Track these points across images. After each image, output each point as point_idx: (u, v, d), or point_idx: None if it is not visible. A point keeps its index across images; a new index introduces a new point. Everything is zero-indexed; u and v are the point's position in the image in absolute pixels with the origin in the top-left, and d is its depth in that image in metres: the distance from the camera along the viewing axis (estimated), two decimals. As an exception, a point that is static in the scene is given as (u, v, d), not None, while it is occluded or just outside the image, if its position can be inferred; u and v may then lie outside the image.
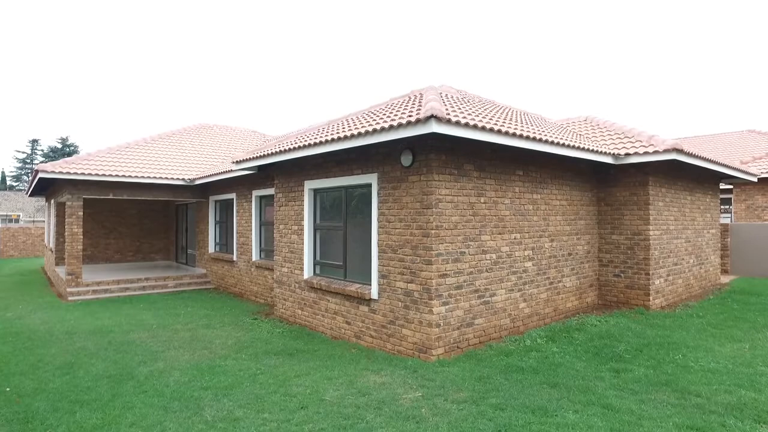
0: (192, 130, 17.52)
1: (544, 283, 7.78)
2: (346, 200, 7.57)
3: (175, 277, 13.44)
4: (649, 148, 8.05)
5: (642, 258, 8.61)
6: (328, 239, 8.12)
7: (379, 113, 7.21)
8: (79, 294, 11.66)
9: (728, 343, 6.52)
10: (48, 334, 7.82)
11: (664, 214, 9.10)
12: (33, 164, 70.76)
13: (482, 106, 7.72)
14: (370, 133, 5.87)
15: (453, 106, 6.49)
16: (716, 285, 11.45)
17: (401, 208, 6.32)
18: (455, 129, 5.40)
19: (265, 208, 11.31)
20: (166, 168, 13.48)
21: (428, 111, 5.18)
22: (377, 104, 8.66)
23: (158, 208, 18.28)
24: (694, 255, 10.42)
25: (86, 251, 16.45)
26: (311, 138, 7.24)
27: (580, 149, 7.30)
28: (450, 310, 6.14)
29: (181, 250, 17.05)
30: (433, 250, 5.93)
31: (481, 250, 6.62)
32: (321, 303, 7.92)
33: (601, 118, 10.30)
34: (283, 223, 8.99)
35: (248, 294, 11.66)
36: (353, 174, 7.18)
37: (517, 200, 7.24)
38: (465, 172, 6.36)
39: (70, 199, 12.06)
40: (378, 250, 6.72)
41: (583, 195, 8.73)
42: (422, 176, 6.00)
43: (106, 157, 13.13)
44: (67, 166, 11.80)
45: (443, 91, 8.09)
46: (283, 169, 8.95)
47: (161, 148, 15.08)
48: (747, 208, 15.76)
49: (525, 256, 7.38)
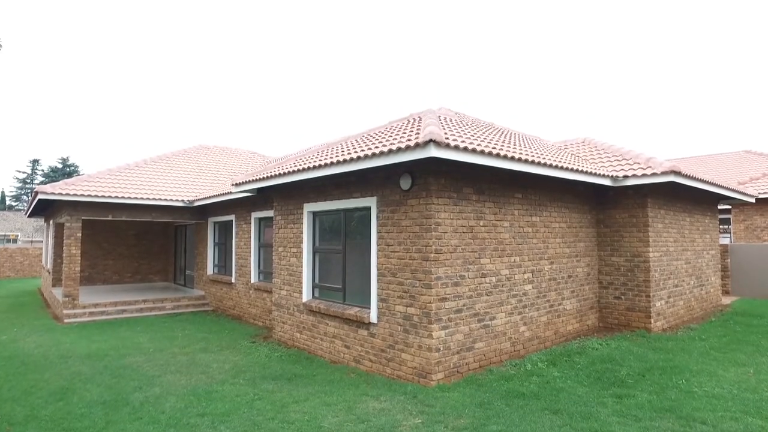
0: (192, 152, 17.62)
1: (545, 306, 7.73)
2: (346, 223, 7.57)
3: (172, 299, 13.34)
4: (647, 170, 8.09)
5: (642, 280, 8.57)
6: (327, 262, 8.09)
7: (378, 136, 7.26)
8: (76, 316, 11.55)
9: (732, 368, 6.44)
10: (42, 358, 7.72)
11: (664, 235, 9.10)
12: (33, 184, 70.92)
13: (480, 129, 7.79)
14: (369, 157, 5.90)
15: (451, 129, 6.54)
16: (718, 306, 11.38)
17: (400, 232, 6.31)
18: (454, 153, 5.43)
19: (264, 229, 11.30)
20: (165, 189, 13.51)
21: (427, 135, 5.22)
22: (376, 127, 8.73)
23: (157, 229, 18.26)
24: (694, 276, 10.39)
25: (84, 272, 16.36)
26: (310, 161, 7.27)
27: (578, 172, 7.33)
28: (450, 334, 6.08)
29: (180, 271, 16.96)
30: (433, 274, 5.90)
31: (481, 274, 6.59)
32: (320, 326, 7.84)
33: (599, 140, 10.38)
34: (282, 245, 8.96)
35: (246, 316, 11.55)
36: (352, 197, 7.19)
37: (516, 223, 7.24)
38: (464, 195, 6.38)
39: (69, 220, 12.05)
40: (377, 274, 6.69)
41: (582, 217, 8.74)
42: (421, 200, 6.01)
43: (105, 179, 13.16)
44: (67, 188, 11.82)
45: (442, 114, 8.16)
46: (283, 192, 8.96)
47: (161, 169, 15.14)
48: (746, 229, 15.78)
49: (525, 279, 7.35)
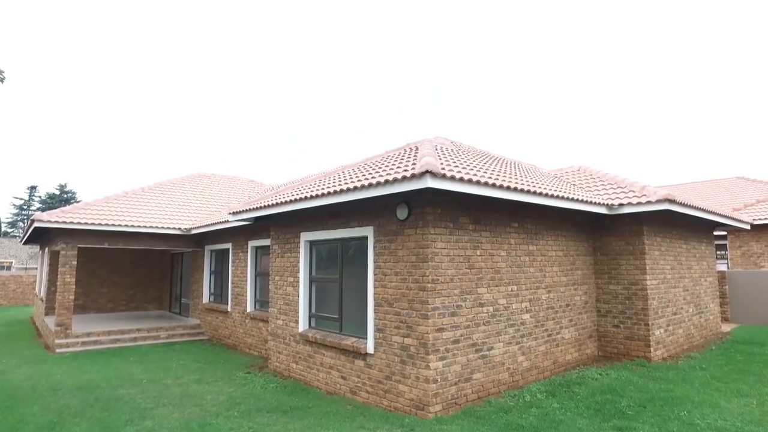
0: (189, 179, 17.69)
1: (543, 336, 7.66)
2: (342, 252, 7.56)
3: (167, 327, 13.17)
4: (642, 198, 8.15)
5: (641, 308, 8.53)
6: (323, 291, 8.04)
7: (375, 166, 7.32)
8: (68, 346, 11.37)
9: (735, 398, 6.36)
10: (31, 391, 7.56)
11: (660, 263, 9.10)
12: (30, 211, 70.77)
13: (476, 158, 7.87)
14: (366, 188, 5.94)
15: (447, 159, 6.61)
16: (717, 334, 11.30)
17: (397, 261, 6.30)
18: (450, 183, 5.47)
19: (261, 258, 11.26)
20: (162, 217, 13.50)
21: (423, 166, 5.27)
22: (373, 156, 8.82)
23: (153, 256, 18.15)
24: (692, 304, 10.34)
25: (78, 300, 16.16)
26: (308, 191, 7.31)
27: (574, 200, 7.39)
28: (447, 365, 6.00)
29: (175, 299, 16.80)
30: (430, 304, 5.87)
31: (478, 303, 6.55)
32: (316, 357, 7.73)
33: (594, 168, 10.48)
34: (278, 274, 8.92)
35: (242, 346, 11.39)
36: (349, 226, 7.20)
37: (513, 252, 7.25)
38: (460, 225, 6.40)
39: (64, 248, 11.99)
40: (374, 304, 6.64)
41: (578, 245, 8.75)
42: (418, 229, 6.03)
43: (102, 206, 13.16)
44: (64, 216, 11.80)
45: (438, 143, 8.26)
46: (280, 221, 8.97)
47: (158, 197, 15.17)
48: (743, 255, 15.81)
49: (522, 308, 7.30)
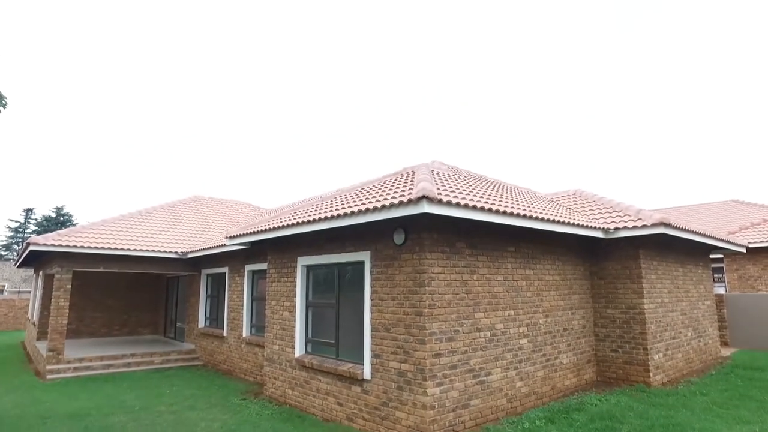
0: (186, 203, 17.71)
1: (541, 361, 7.59)
2: (339, 277, 7.54)
3: (161, 353, 12.99)
4: (637, 222, 8.20)
5: (639, 332, 8.48)
6: (320, 316, 7.98)
7: (372, 190, 7.37)
8: (59, 372, 11.18)
9: (736, 425, 6.28)
10: (18, 419, 7.39)
11: (657, 286, 9.10)
12: (25, 233, 70.35)
13: (473, 183, 7.93)
14: (363, 213, 5.97)
15: (444, 184, 6.66)
16: (717, 359, 11.22)
17: (394, 286, 6.28)
18: (446, 209, 5.50)
19: (257, 282, 11.20)
20: (158, 241, 13.47)
21: (420, 191, 5.31)
22: (370, 180, 8.88)
23: (148, 280, 18.02)
24: (691, 328, 10.30)
25: (71, 325, 15.93)
26: (304, 215, 7.33)
27: (570, 225, 7.42)
28: (445, 391, 5.93)
29: (170, 324, 16.62)
30: (427, 329, 5.83)
31: (475, 328, 6.51)
32: (312, 383, 7.63)
33: (590, 192, 10.56)
34: (275, 299, 8.86)
35: (237, 371, 11.23)
36: (346, 251, 7.20)
37: (510, 276, 7.24)
38: (457, 249, 6.41)
39: (59, 272, 11.90)
40: (371, 329, 6.60)
41: (575, 269, 8.76)
42: (415, 254, 6.03)
43: (99, 230, 13.13)
44: (60, 239, 11.76)
45: (434, 168, 8.33)
46: (277, 245, 8.96)
47: (155, 220, 15.15)
48: (740, 278, 15.82)
49: (520, 333, 7.26)
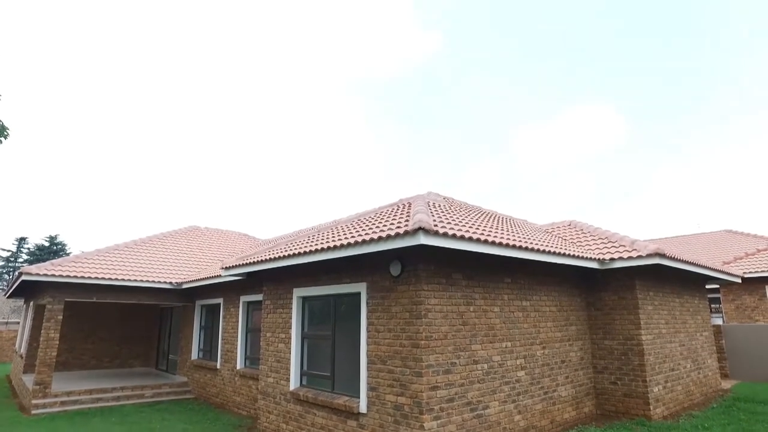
0: (182, 233, 17.66)
1: (539, 393, 7.49)
2: (335, 309, 7.49)
3: (153, 385, 12.71)
4: (632, 252, 8.24)
5: (637, 364, 8.40)
6: (316, 348, 7.88)
7: (368, 222, 7.41)
8: (45, 406, 10.89)
9: (738, 461, 6.17)
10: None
11: (655, 317, 9.07)
12: (17, 263, 69.57)
13: (469, 214, 7.99)
14: (360, 244, 5.99)
15: (440, 215, 6.72)
16: (718, 391, 11.08)
17: (390, 318, 6.25)
18: (443, 240, 5.54)
19: (252, 313, 11.09)
20: (153, 271, 13.37)
21: (416, 223, 5.35)
22: (366, 212, 8.93)
23: (141, 311, 17.77)
24: (690, 359, 10.21)
25: (60, 357, 15.57)
26: (301, 246, 7.33)
27: (566, 256, 7.45)
28: (442, 425, 5.82)
29: (163, 355, 16.31)
30: (423, 362, 5.77)
31: (472, 360, 6.44)
32: (307, 417, 7.47)
33: (585, 223, 10.64)
34: (270, 330, 8.76)
35: (230, 405, 10.98)
36: (342, 282, 7.18)
37: (507, 308, 7.22)
38: (453, 281, 6.41)
39: (51, 302, 11.74)
40: (367, 361, 6.52)
41: (572, 300, 8.74)
42: (411, 286, 6.03)
43: (93, 259, 13.05)
44: (53, 269, 11.67)
45: (430, 199, 8.40)
46: (272, 276, 8.92)
47: (150, 250, 15.08)
48: (736, 308, 15.79)
49: (517, 365, 7.18)
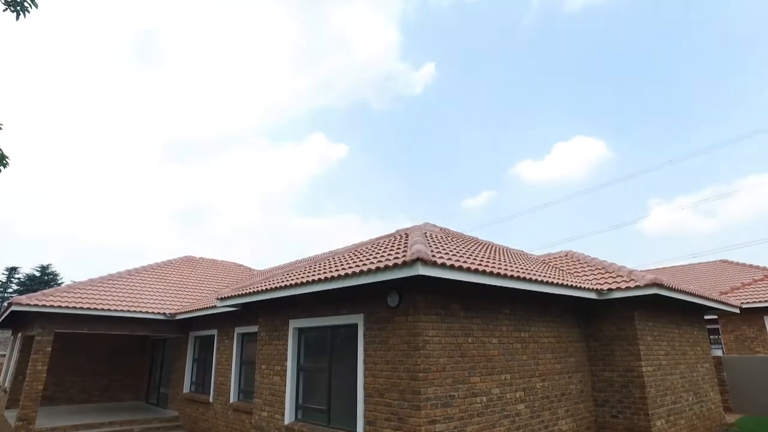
0: (177, 263, 17.53)
1: (539, 427, 7.31)
2: (332, 340, 7.38)
3: (142, 420, 12.35)
4: (630, 283, 8.22)
5: (638, 396, 8.25)
6: (311, 381, 7.72)
7: (366, 252, 7.39)
8: (31, 443, 10.52)
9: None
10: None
11: (654, 348, 8.97)
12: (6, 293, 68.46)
13: (466, 245, 7.99)
14: (357, 275, 5.95)
15: (437, 246, 6.71)
16: (722, 425, 10.86)
17: (388, 350, 6.15)
18: (441, 271, 5.51)
19: (246, 345, 10.91)
20: (146, 302, 13.18)
21: (414, 254, 5.34)
22: (363, 242, 8.92)
23: (133, 343, 17.41)
24: (692, 392, 10.05)
25: (47, 390, 15.11)
26: (297, 277, 7.28)
27: (563, 286, 7.42)
28: (442, 463, 5.65)
29: (154, 389, 15.91)
30: (422, 395, 5.65)
31: (471, 393, 6.32)
32: (301, 454, 7.25)
33: (581, 254, 10.65)
34: (265, 362, 8.59)
35: (221, 441, 10.66)
36: (339, 314, 7.10)
37: (505, 339, 7.13)
38: (452, 312, 6.35)
39: (40, 333, 11.50)
40: (364, 394, 6.38)
41: (570, 331, 8.66)
42: (409, 317, 5.96)
43: (86, 289, 12.87)
44: (44, 299, 11.49)
45: (427, 230, 8.42)
46: (268, 307, 8.82)
47: (144, 280, 14.91)
48: (736, 339, 15.67)
49: (517, 397, 7.05)
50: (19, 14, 5.25)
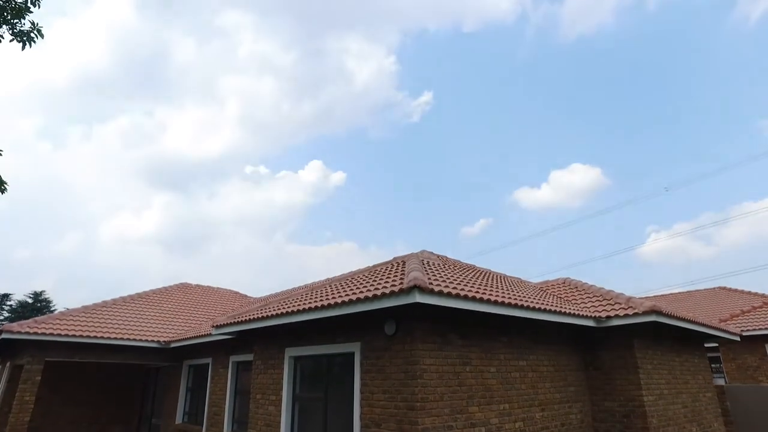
0: (172, 290, 17.39)
1: (541, 460, 7.15)
2: (328, 369, 7.28)
3: (132, 453, 12.01)
4: (628, 310, 8.17)
5: (640, 427, 8.09)
6: (307, 411, 7.57)
7: (362, 280, 7.36)
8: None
9: None
10: None
11: (655, 377, 8.85)
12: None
13: (463, 272, 7.97)
14: (354, 302, 5.92)
15: (435, 273, 6.70)
16: (724, 457, 10.63)
17: (385, 379, 6.06)
18: (438, 298, 5.49)
19: (241, 374, 10.73)
20: (140, 329, 13.02)
21: (411, 281, 5.32)
22: (360, 270, 8.89)
23: (125, 372, 17.02)
24: (695, 423, 9.87)
25: (33, 422, 14.53)
26: (293, 305, 7.23)
27: (562, 314, 7.38)
28: (440, 497, 5.50)
29: (145, 420, 15.54)
30: (419, 425, 5.54)
31: (470, 424, 6.19)
32: (295, 488, 7.05)
33: (579, 281, 10.62)
34: (260, 392, 8.44)
35: (213, 475, 10.37)
36: (335, 342, 7.02)
37: (504, 368, 7.04)
38: (449, 340, 6.29)
39: (30, 362, 11.30)
40: (361, 425, 6.25)
41: (570, 359, 8.55)
42: (406, 345, 5.89)
43: (79, 317, 12.72)
44: (36, 326, 11.34)
45: (424, 258, 8.41)
46: (264, 335, 8.71)
47: (138, 308, 14.75)
48: (738, 368, 15.49)
49: (516, 428, 6.90)
50: (25, 44, 5.37)
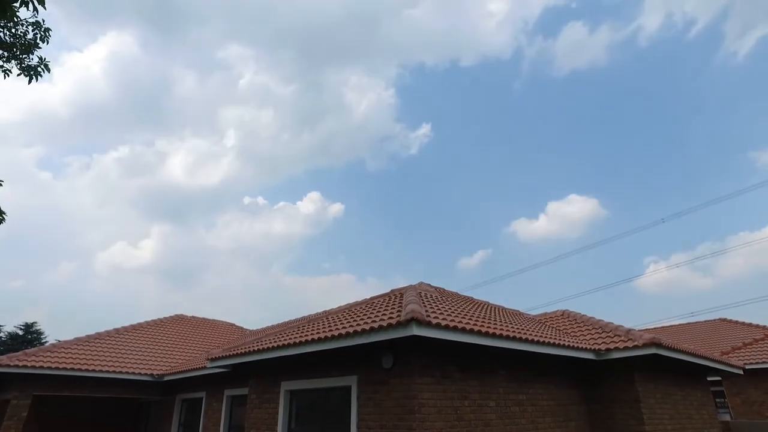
0: (167, 322, 17.15)
1: (543, 500, 6.93)
2: (324, 403, 7.13)
3: (120, 493, 11.58)
4: (628, 342, 8.09)
5: (644, 464, 7.88)
6: (302, 448, 7.37)
7: (359, 312, 7.30)
8: None
9: None
10: None
11: (658, 412, 8.67)
12: (-11, 353, 65.84)
13: (461, 305, 7.92)
14: (351, 335, 5.86)
15: (432, 305, 6.66)
16: (732, 496, 10.31)
17: (382, 413, 5.93)
18: (436, 331, 5.44)
19: (235, 409, 10.48)
20: (133, 362, 12.76)
21: (409, 313, 5.29)
22: (357, 302, 8.84)
23: (116, 406, 16.54)
24: (699, 460, 9.62)
25: (20, 460, 14.23)
26: (290, 337, 7.14)
27: (561, 346, 7.30)
28: None
29: (134, 457, 15.06)
30: (418, 463, 5.39)
31: (470, 461, 6.03)
32: None
33: (578, 313, 10.55)
34: (254, 427, 8.23)
35: None
36: (332, 375, 6.90)
37: (503, 402, 6.90)
38: (447, 373, 6.19)
39: (17, 397, 10.99)
40: (357, 462, 6.08)
41: (570, 393, 8.40)
42: (404, 379, 5.80)
43: (71, 349, 12.47)
44: (26, 359, 11.10)
45: (422, 290, 8.36)
46: (260, 368, 8.56)
47: (132, 340, 14.49)
48: (743, 403, 15.18)
49: (518, 466, 6.72)
50: (32, 79, 5.49)
